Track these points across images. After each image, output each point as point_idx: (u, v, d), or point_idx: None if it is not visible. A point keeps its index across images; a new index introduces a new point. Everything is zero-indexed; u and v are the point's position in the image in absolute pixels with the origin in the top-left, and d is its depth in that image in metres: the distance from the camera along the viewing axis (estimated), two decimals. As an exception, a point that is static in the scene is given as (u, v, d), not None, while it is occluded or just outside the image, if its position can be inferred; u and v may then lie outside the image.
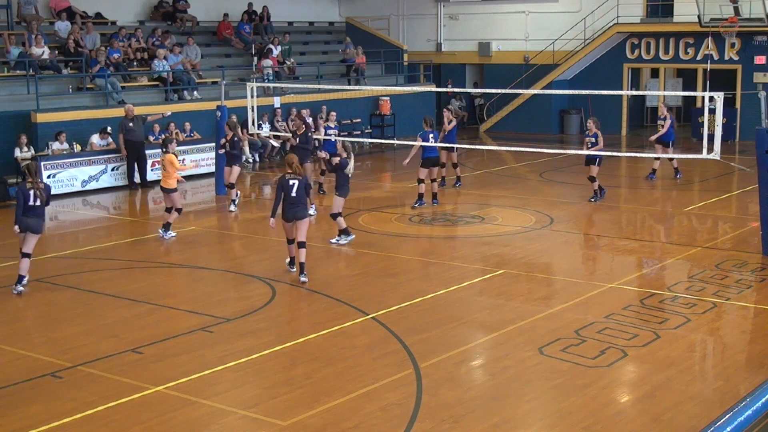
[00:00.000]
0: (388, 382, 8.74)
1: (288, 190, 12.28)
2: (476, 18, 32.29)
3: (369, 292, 11.94)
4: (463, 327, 10.56)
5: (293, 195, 12.27)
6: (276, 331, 10.41)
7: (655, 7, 29.15)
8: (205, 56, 26.33)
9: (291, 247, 12.69)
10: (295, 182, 12.29)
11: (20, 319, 11.03)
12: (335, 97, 25.75)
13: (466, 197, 18.77)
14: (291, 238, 12.60)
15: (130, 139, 20.25)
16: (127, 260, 13.85)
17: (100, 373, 9.04)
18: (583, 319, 10.62)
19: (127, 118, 20.20)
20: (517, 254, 14.25)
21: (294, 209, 12.31)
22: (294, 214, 12.33)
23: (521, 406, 8.34)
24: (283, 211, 12.39)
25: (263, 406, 8.27)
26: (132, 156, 20.37)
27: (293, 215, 12.33)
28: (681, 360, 9.39)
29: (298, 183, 12.29)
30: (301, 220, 12.34)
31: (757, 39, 27.13)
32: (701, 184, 20.60)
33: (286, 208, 12.35)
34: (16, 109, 20.45)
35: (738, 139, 27.17)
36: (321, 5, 33.28)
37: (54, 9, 24.79)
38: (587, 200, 18.05)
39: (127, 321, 10.83)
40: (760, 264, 13.09)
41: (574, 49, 30.00)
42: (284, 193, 12.30)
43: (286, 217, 12.41)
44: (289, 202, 12.31)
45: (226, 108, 19.75)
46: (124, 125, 20.18)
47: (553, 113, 30.61)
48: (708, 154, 14.36)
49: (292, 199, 12.28)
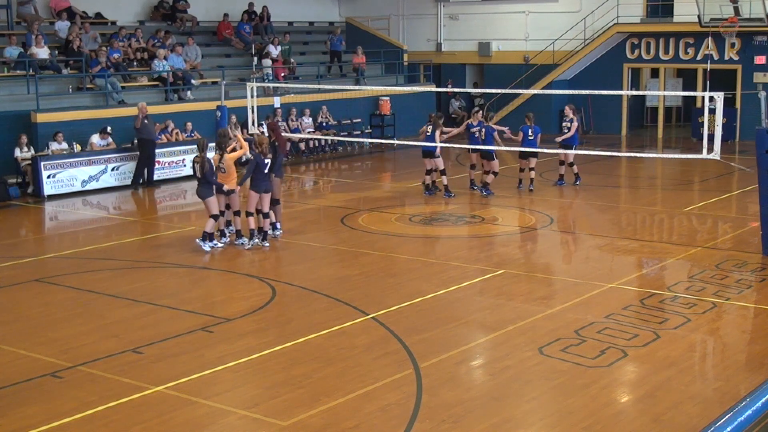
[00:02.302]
0: (388, 382, 8.74)
1: (263, 167, 14.01)
2: (476, 18, 32.29)
3: (369, 292, 11.94)
4: (463, 327, 10.56)
5: (266, 172, 14.10)
6: (276, 331, 10.41)
7: (655, 7, 29.15)
8: (205, 56, 26.33)
9: (250, 219, 14.25)
10: (268, 161, 14.08)
11: (20, 319, 11.03)
12: (335, 97, 25.77)
13: (466, 197, 18.77)
14: (252, 210, 14.27)
15: (142, 137, 20.45)
16: (127, 260, 13.85)
17: (100, 373, 9.04)
18: (583, 319, 10.62)
19: (136, 117, 20.39)
20: (517, 254, 14.26)
21: (265, 183, 14.11)
22: (265, 188, 14.12)
23: (521, 406, 8.34)
24: (256, 185, 14.07)
25: (263, 406, 8.27)
26: (144, 154, 20.53)
27: (264, 188, 14.10)
28: (681, 360, 9.39)
29: (270, 162, 14.10)
30: (267, 193, 14.20)
31: (757, 39, 27.13)
32: (701, 184, 20.61)
33: (259, 183, 14.06)
34: (16, 109, 20.44)
35: (738, 139, 27.17)
36: (321, 5, 33.28)
37: (54, 9, 24.80)
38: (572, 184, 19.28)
39: (127, 321, 10.83)
40: (760, 264, 13.09)
41: (574, 49, 30.01)
42: (258, 170, 13.99)
43: (256, 189, 14.08)
44: (260, 179, 14.05)
45: (226, 108, 19.78)
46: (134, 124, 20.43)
47: (553, 113, 30.54)
48: (708, 154, 14.38)
49: (264, 175, 14.07)
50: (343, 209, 17.52)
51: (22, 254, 14.35)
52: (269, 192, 14.22)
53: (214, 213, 14.04)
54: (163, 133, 21.60)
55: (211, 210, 13.99)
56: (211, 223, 14.06)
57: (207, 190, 13.95)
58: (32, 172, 19.33)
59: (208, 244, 14.05)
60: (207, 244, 14.04)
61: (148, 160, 20.59)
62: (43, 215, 18.17)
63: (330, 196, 19.50)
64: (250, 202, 14.22)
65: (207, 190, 13.95)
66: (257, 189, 14.08)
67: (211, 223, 14.06)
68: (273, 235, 14.71)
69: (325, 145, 25.93)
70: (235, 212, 14.62)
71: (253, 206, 14.24)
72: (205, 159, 13.82)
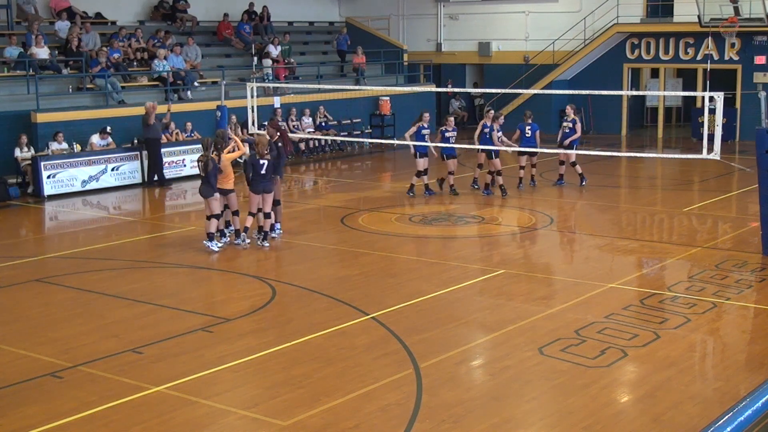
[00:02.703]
0: (388, 382, 8.74)
1: (258, 168, 13.93)
2: (476, 18, 32.29)
3: (369, 292, 11.94)
4: (463, 327, 10.56)
5: (263, 173, 13.97)
6: (276, 331, 10.41)
7: (655, 7, 29.16)
8: (205, 56, 26.33)
9: (250, 218, 14.23)
10: (264, 162, 13.93)
11: (20, 319, 11.02)
12: (335, 97, 25.77)
13: (466, 197, 18.77)
14: (254, 211, 14.19)
15: (149, 136, 20.59)
16: (127, 260, 13.85)
17: (100, 373, 9.04)
18: (583, 319, 10.62)
19: (148, 115, 20.52)
20: (517, 254, 14.26)
21: (263, 184, 14.02)
22: (264, 188, 14.04)
23: (521, 406, 8.34)
24: (254, 186, 14.06)
25: (263, 406, 8.27)
26: (151, 153, 20.67)
27: (262, 189, 14.04)
28: (681, 360, 9.39)
29: (267, 162, 13.95)
30: (268, 193, 14.13)
31: (757, 39, 27.13)
32: (701, 184, 20.61)
33: (257, 184, 14.02)
34: (16, 109, 20.44)
35: (738, 139, 27.17)
36: (321, 5, 33.28)
37: (54, 9, 24.80)
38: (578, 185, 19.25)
39: (127, 321, 10.83)
40: (760, 264, 13.09)
41: (574, 49, 30.01)
42: (254, 170, 13.96)
43: (255, 190, 14.05)
44: (258, 179, 14.00)
45: (226, 108, 19.78)
46: (145, 122, 20.58)
47: (553, 113, 30.54)
48: (708, 154, 14.37)
49: (261, 176, 13.99)
50: (343, 209, 17.52)
51: (22, 254, 14.35)
52: (269, 192, 14.16)
53: (215, 212, 14.04)
54: (164, 133, 21.60)
55: (212, 209, 13.98)
56: (214, 223, 14.06)
57: (209, 189, 13.95)
58: (32, 172, 19.33)
59: (216, 244, 14.03)
60: (215, 243, 14.03)
61: (156, 158, 20.77)
62: (43, 215, 18.17)
63: (330, 196, 19.49)
64: (250, 203, 14.23)
65: (209, 189, 13.95)
66: (255, 190, 14.08)
67: (214, 223, 14.06)
68: (271, 235, 14.70)
69: (325, 145, 25.94)
70: (234, 212, 14.61)
71: (254, 207, 14.22)
72: (209, 158, 13.82)
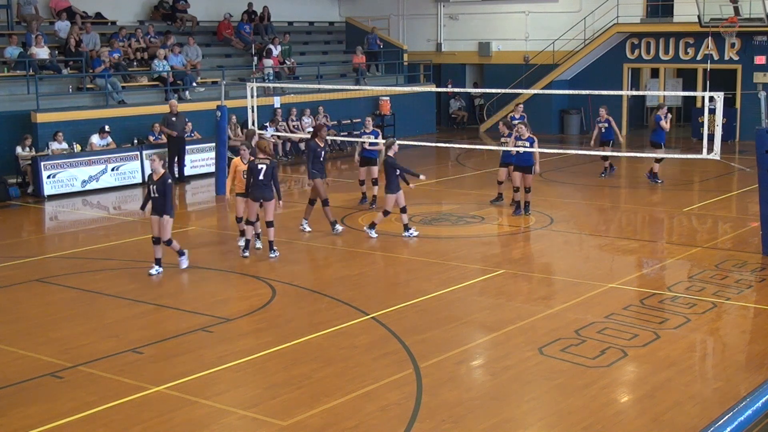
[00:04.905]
0: (388, 382, 8.74)
1: (257, 173, 13.22)
2: (476, 18, 32.28)
3: (369, 292, 11.94)
4: (463, 327, 10.56)
5: (261, 178, 13.21)
6: (276, 331, 10.41)
7: (655, 7, 29.15)
8: (205, 56, 26.32)
9: (248, 227, 13.66)
10: (263, 166, 13.25)
11: (20, 319, 11.02)
12: (335, 97, 25.76)
13: (466, 197, 18.76)
14: (253, 219, 13.56)
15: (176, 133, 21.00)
16: (127, 260, 13.85)
17: (100, 373, 9.04)
18: (583, 319, 10.62)
19: (171, 113, 20.95)
20: (517, 254, 14.26)
21: (262, 191, 13.27)
22: (262, 195, 13.29)
23: (521, 406, 8.34)
24: (252, 192, 13.31)
25: (263, 406, 8.27)
26: (173, 150, 20.98)
27: (261, 196, 13.29)
28: (681, 360, 9.39)
29: (265, 167, 13.26)
30: (268, 201, 13.33)
31: (757, 39, 27.12)
32: (701, 184, 20.61)
33: (255, 190, 13.28)
34: (16, 109, 20.45)
35: (738, 139, 27.17)
36: (321, 5, 33.28)
37: (54, 9, 24.80)
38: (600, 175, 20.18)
39: (127, 321, 10.83)
40: (760, 264, 13.09)
41: (574, 49, 30.00)
42: (253, 176, 13.24)
43: (254, 197, 13.33)
44: (257, 185, 13.25)
45: (226, 108, 19.76)
46: (167, 119, 20.95)
47: (553, 113, 30.61)
48: (708, 154, 14.38)
49: (260, 182, 13.24)
50: (343, 209, 17.52)
51: (22, 254, 14.35)
52: (269, 200, 13.36)
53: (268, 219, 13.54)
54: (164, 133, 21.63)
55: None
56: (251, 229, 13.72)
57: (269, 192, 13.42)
58: (32, 172, 19.34)
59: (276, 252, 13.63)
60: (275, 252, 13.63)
61: (177, 156, 21.11)
62: (43, 215, 18.17)
63: (330, 196, 19.46)
64: (249, 209, 13.61)
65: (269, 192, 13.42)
66: (254, 197, 13.40)
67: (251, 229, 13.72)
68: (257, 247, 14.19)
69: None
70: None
71: (253, 215, 13.59)
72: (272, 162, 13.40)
